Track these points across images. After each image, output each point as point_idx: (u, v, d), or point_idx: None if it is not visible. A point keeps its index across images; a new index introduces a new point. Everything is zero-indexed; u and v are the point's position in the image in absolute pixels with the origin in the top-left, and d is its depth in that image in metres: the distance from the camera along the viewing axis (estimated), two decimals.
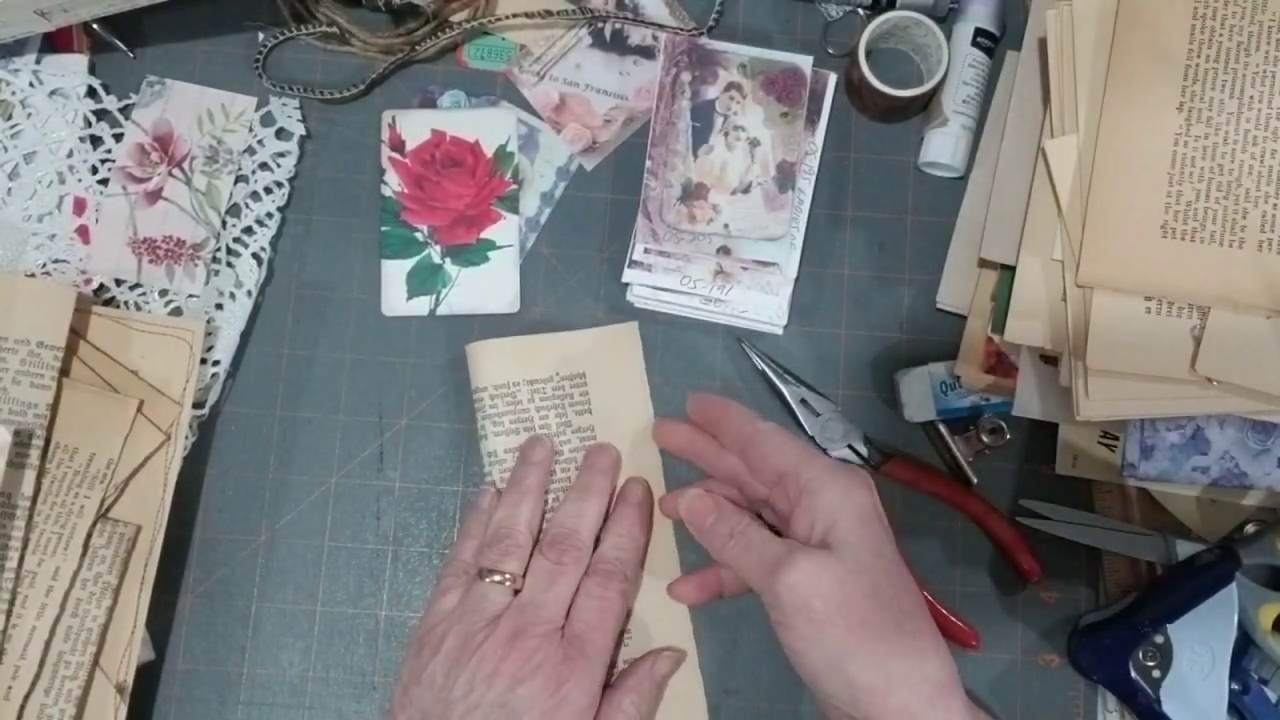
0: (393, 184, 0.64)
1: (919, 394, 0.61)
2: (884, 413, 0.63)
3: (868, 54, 0.62)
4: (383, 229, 0.63)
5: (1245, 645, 0.57)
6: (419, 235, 0.63)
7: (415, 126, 0.64)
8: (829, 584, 0.48)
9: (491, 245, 0.63)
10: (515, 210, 0.64)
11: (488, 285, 0.63)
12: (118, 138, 0.63)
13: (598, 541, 0.58)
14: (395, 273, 0.63)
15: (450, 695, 0.52)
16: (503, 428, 0.61)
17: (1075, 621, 0.61)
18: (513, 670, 0.52)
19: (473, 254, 0.63)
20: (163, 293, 0.62)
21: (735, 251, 0.63)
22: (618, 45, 0.66)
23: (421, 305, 0.63)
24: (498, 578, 0.55)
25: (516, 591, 0.55)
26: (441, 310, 0.63)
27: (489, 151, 0.64)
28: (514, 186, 0.64)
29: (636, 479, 0.60)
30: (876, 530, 0.50)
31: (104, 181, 0.63)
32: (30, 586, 0.56)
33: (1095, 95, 0.58)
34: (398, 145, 0.64)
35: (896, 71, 0.65)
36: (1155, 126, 0.58)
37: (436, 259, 0.63)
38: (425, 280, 0.63)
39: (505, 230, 0.64)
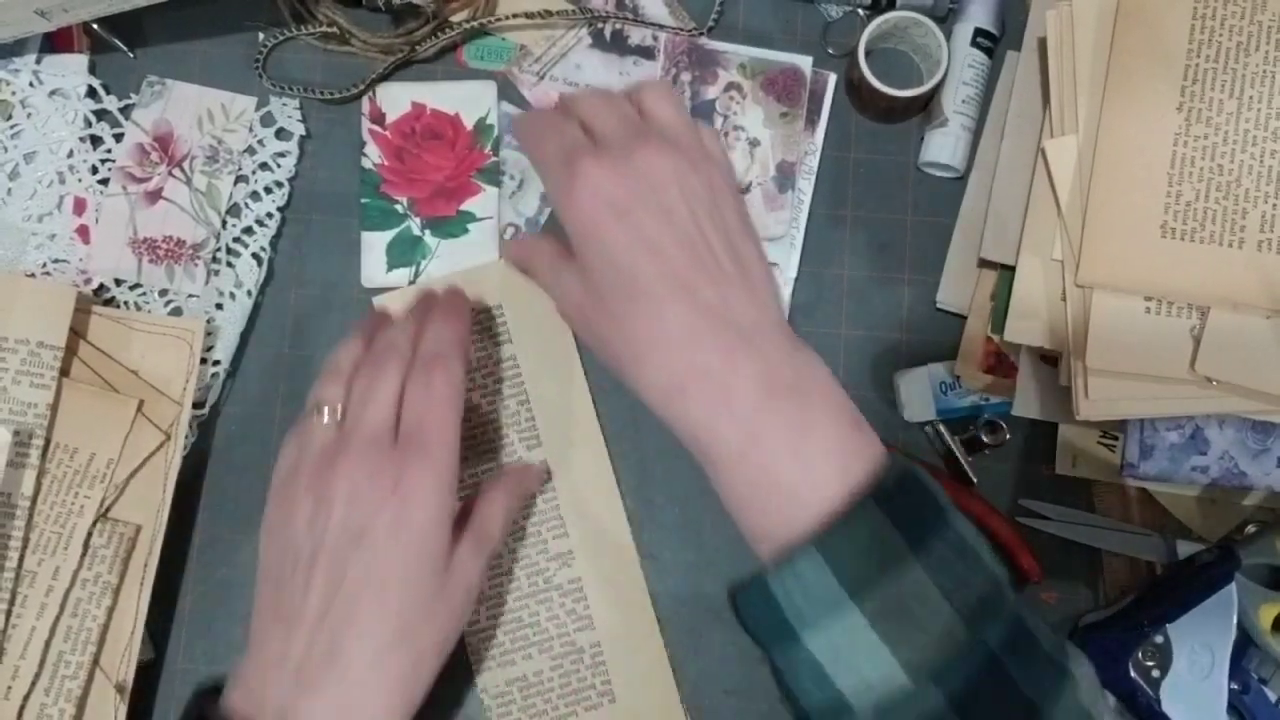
0: (373, 156, 0.64)
1: (919, 394, 0.62)
2: (884, 413, 0.63)
3: (868, 54, 0.62)
4: (362, 200, 0.64)
5: (1245, 645, 0.57)
6: (399, 207, 0.64)
7: (396, 99, 0.64)
8: (573, 292, 0.48)
9: (471, 218, 0.64)
10: (496, 183, 0.64)
11: (467, 257, 0.63)
12: (118, 138, 0.63)
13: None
14: (375, 245, 0.63)
15: (295, 542, 0.48)
16: None
17: (1075, 621, 0.61)
18: (344, 490, 0.48)
19: (452, 226, 0.64)
20: (163, 293, 0.62)
21: None
22: (618, 45, 0.66)
23: (401, 277, 0.63)
24: (322, 413, 0.51)
25: None
26: (421, 280, 0.63)
27: (469, 124, 0.64)
28: (494, 159, 0.64)
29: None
30: (598, 241, 0.46)
31: (104, 181, 0.63)
32: (30, 586, 0.56)
33: (1095, 95, 0.58)
34: (378, 118, 0.64)
35: (896, 71, 0.65)
36: (1155, 126, 0.58)
37: (416, 231, 0.63)
38: (405, 252, 0.63)
39: (485, 203, 0.64)
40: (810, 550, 0.41)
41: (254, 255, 0.63)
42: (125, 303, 0.62)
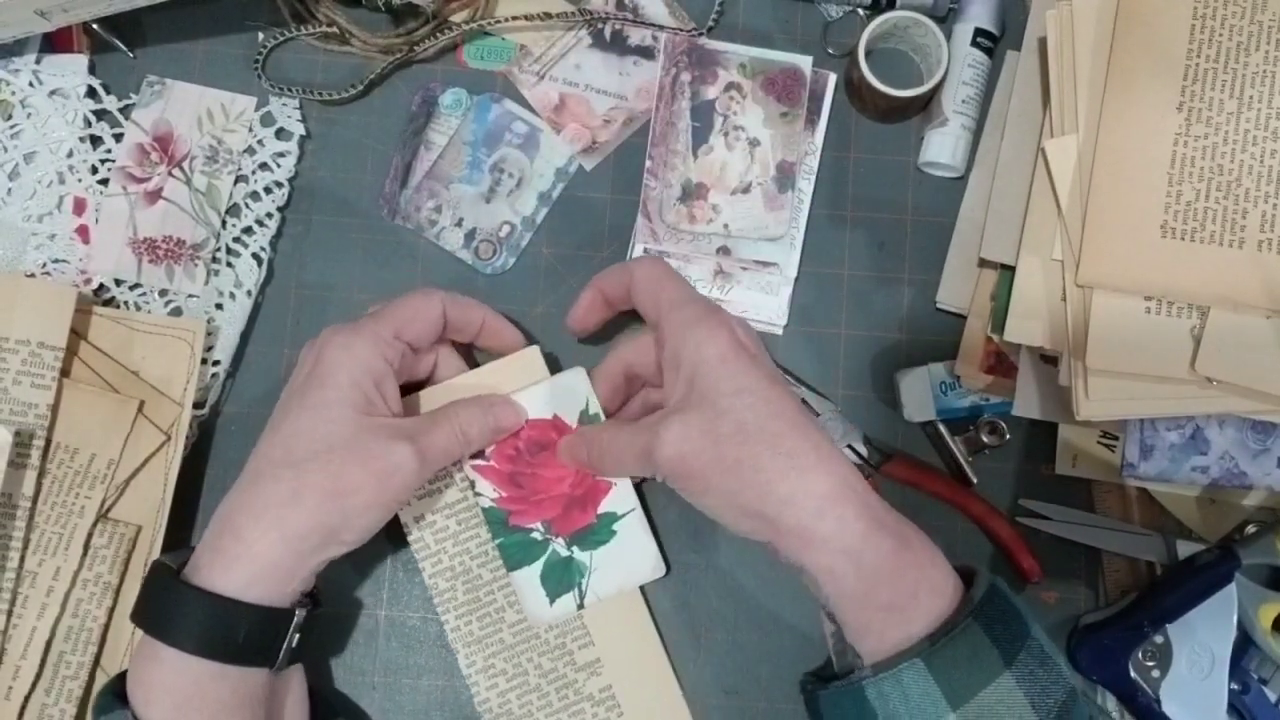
0: (487, 493, 0.57)
1: (919, 394, 0.62)
2: (884, 413, 0.63)
3: (868, 54, 0.62)
4: (496, 542, 0.58)
5: (1245, 645, 0.57)
6: (536, 534, 0.58)
7: None
8: (696, 440, 0.49)
9: (614, 517, 0.58)
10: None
11: (625, 559, 0.58)
12: (118, 138, 0.63)
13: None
14: (529, 581, 0.58)
15: None
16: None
17: (1075, 621, 0.61)
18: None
19: (598, 533, 0.58)
20: (163, 293, 0.62)
21: (735, 251, 0.63)
22: (617, 45, 0.66)
23: (568, 605, 0.58)
24: None
25: None
26: (589, 599, 0.58)
27: (572, 421, 0.57)
28: None
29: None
30: (737, 367, 0.50)
31: (104, 181, 0.63)
32: (31, 587, 0.56)
33: (1095, 95, 0.58)
34: (477, 452, 0.57)
35: (896, 71, 0.65)
36: (1155, 126, 0.58)
37: (563, 551, 0.58)
38: (561, 578, 0.58)
39: (621, 497, 0.58)
40: (918, 663, 0.45)
41: (254, 255, 0.63)
42: (125, 303, 0.62)
